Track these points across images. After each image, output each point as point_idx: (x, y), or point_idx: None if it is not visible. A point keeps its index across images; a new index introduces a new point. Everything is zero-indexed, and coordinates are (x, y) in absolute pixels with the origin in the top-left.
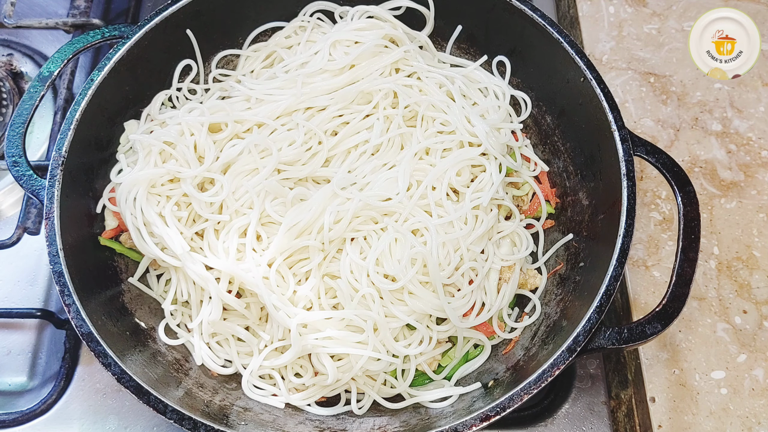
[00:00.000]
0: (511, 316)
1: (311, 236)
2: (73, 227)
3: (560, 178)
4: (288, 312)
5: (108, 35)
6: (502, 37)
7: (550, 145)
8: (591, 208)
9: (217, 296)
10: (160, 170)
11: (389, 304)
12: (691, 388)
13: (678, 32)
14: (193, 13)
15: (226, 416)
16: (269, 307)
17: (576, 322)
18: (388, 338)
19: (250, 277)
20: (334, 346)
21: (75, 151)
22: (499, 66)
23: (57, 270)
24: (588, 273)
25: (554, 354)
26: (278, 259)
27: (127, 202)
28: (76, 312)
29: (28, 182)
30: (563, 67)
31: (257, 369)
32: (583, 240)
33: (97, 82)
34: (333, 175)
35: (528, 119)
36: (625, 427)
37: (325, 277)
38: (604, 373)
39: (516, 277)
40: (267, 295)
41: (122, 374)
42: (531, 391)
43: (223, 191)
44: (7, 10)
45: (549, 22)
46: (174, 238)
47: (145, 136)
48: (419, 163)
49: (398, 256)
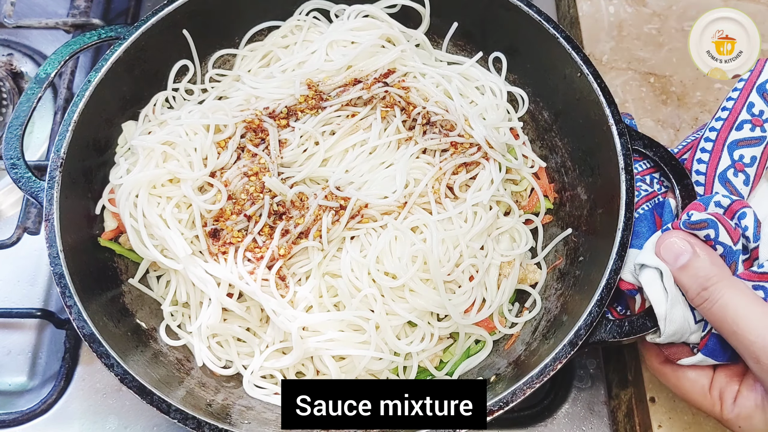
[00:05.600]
0: (511, 311)
1: (309, 237)
2: (73, 229)
3: (558, 174)
4: (288, 316)
5: (105, 36)
6: (499, 33)
7: (548, 141)
8: (590, 203)
9: (216, 300)
10: (161, 171)
11: (390, 301)
12: None
13: (678, 32)
14: (189, 14)
15: (229, 415)
16: (269, 312)
17: (577, 317)
18: (390, 336)
19: (245, 284)
20: (337, 347)
21: (74, 153)
22: (496, 62)
23: (58, 272)
24: (588, 267)
25: (556, 348)
26: (278, 262)
27: (127, 204)
28: (78, 313)
29: (27, 184)
30: (560, 63)
31: (258, 370)
32: (582, 234)
33: (95, 83)
34: (331, 174)
35: (525, 115)
36: (625, 427)
37: (326, 276)
38: (604, 373)
39: (516, 273)
40: (266, 300)
41: (125, 375)
42: (533, 386)
43: (222, 199)
44: (7, 10)
45: (545, 18)
46: (176, 240)
47: (146, 137)
48: (416, 162)
49: (398, 253)
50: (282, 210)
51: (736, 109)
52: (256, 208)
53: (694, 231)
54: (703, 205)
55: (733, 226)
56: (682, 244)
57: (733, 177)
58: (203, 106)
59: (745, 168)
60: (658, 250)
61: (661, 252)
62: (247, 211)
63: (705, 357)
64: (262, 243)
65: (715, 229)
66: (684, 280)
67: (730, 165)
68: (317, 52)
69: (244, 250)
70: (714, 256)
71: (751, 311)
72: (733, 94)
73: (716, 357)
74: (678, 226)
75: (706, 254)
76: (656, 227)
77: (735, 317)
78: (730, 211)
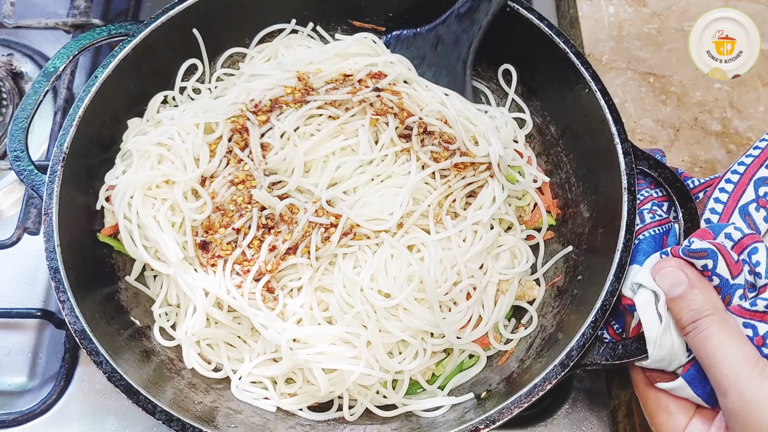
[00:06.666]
0: (507, 327)
1: (297, 253)
2: (72, 224)
3: (562, 189)
4: (278, 328)
5: (114, 32)
6: (509, 45)
7: (554, 156)
8: (591, 221)
9: (202, 309)
10: (155, 173)
11: (383, 319)
12: None
13: (678, 32)
14: (199, 13)
15: (216, 418)
16: (257, 326)
17: (571, 336)
18: (381, 354)
19: (232, 299)
20: (327, 361)
21: (76, 148)
22: (506, 75)
23: (53, 266)
24: (585, 287)
25: (547, 368)
26: (265, 276)
27: (122, 205)
28: (70, 309)
29: (29, 177)
30: (569, 78)
31: (247, 376)
32: (582, 253)
33: (101, 79)
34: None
35: (532, 129)
36: (625, 427)
37: (318, 291)
38: (604, 373)
39: (514, 289)
40: (254, 315)
41: (113, 373)
42: (521, 405)
43: (207, 209)
44: (6, 10)
45: (556, 32)
46: (168, 244)
47: (140, 139)
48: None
49: (394, 273)
50: (271, 224)
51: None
52: (245, 221)
53: (692, 259)
54: (711, 233)
55: (736, 259)
56: (678, 275)
57: (755, 211)
58: (196, 104)
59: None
60: (655, 277)
61: (658, 279)
62: (235, 224)
63: (684, 383)
64: (251, 256)
65: (714, 260)
66: (676, 310)
67: (753, 199)
68: (314, 47)
69: (233, 263)
70: (708, 290)
71: (729, 346)
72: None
73: (695, 387)
74: (677, 252)
75: (701, 288)
76: (661, 248)
77: (714, 350)
78: (740, 245)
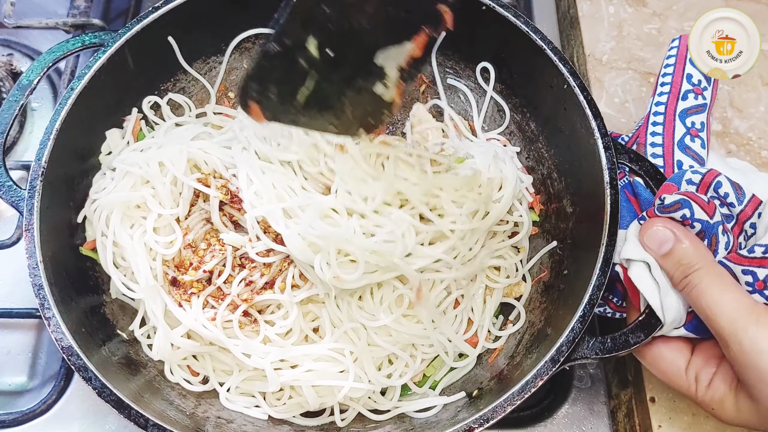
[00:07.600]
0: (495, 324)
1: (274, 288)
2: (54, 238)
3: (544, 186)
4: (260, 353)
5: (88, 43)
6: (486, 43)
7: (535, 152)
8: (575, 216)
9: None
10: (135, 195)
11: (373, 334)
12: None
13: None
14: (174, 21)
15: (209, 428)
16: (239, 357)
17: (560, 331)
18: (370, 368)
19: (208, 332)
20: (315, 378)
21: (55, 162)
22: (483, 72)
23: (37, 283)
24: (572, 281)
25: (537, 364)
26: (241, 306)
27: (100, 222)
28: (56, 325)
29: (8, 193)
30: (547, 75)
31: (234, 389)
32: (567, 247)
33: (77, 91)
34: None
35: (512, 125)
36: (625, 427)
37: (309, 303)
38: (604, 373)
39: (500, 290)
40: (233, 346)
41: (103, 388)
42: (514, 403)
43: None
44: (6, 10)
45: (532, 29)
46: (141, 268)
47: (127, 158)
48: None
49: (378, 297)
50: (245, 262)
51: (677, 82)
52: (217, 262)
53: (670, 214)
54: (674, 185)
55: (707, 199)
56: (665, 232)
57: (691, 142)
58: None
59: (698, 133)
60: (642, 239)
61: (645, 240)
62: (206, 266)
63: (687, 332)
64: (228, 290)
65: (689, 208)
66: (668, 267)
67: (685, 132)
68: None
69: (207, 296)
70: (696, 242)
71: (723, 297)
72: (668, 69)
73: (699, 333)
74: (653, 212)
75: (689, 241)
76: (633, 206)
77: (708, 303)
78: (704, 185)
